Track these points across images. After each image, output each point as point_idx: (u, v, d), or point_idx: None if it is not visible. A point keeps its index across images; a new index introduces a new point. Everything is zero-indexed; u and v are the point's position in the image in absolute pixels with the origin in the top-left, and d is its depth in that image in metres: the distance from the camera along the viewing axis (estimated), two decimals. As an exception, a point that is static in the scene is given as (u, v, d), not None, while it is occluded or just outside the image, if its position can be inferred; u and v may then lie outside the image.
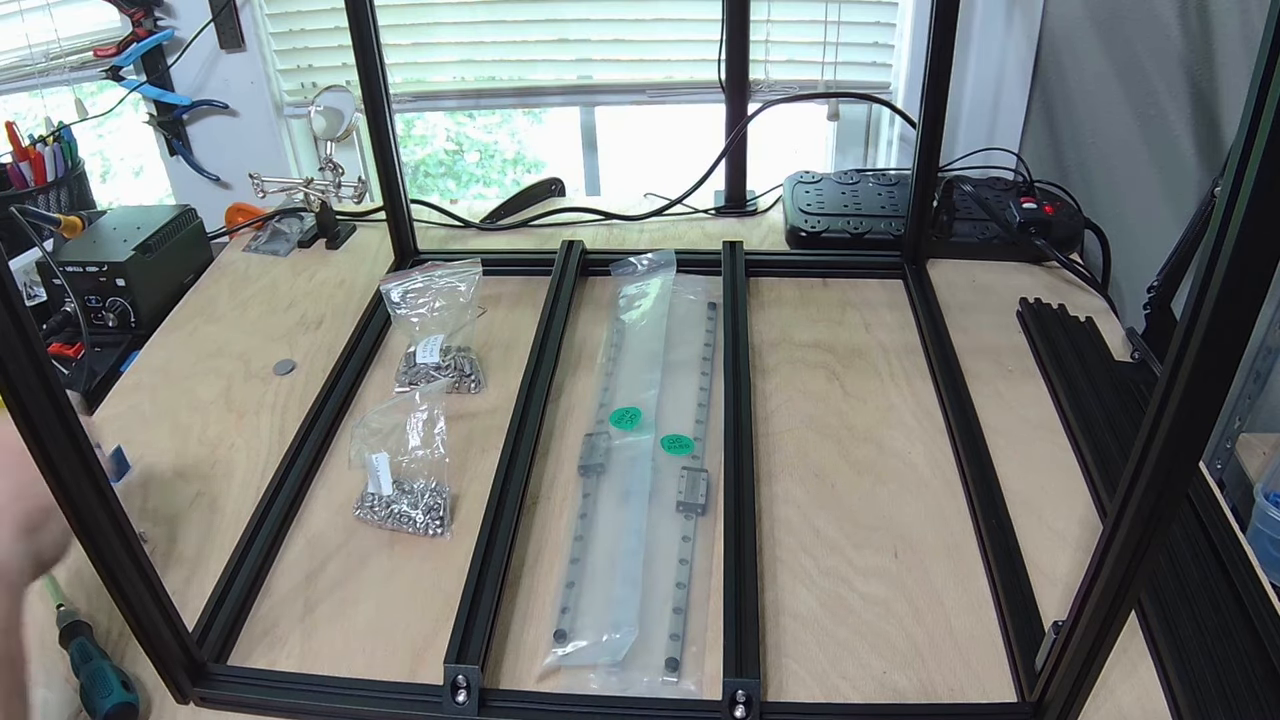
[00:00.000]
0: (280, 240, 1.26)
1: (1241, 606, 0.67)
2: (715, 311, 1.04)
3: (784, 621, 0.70)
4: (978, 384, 0.92)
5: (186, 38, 1.32)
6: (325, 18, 1.38)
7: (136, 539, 0.56)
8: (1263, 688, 0.62)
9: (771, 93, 1.35)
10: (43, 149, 1.26)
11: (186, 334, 1.08)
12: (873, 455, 0.85)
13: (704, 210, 1.29)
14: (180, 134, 1.42)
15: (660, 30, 1.38)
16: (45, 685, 0.66)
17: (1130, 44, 1.13)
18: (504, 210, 1.30)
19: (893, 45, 1.36)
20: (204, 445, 0.90)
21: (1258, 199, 0.38)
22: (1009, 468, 0.82)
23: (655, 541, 0.76)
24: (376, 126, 1.05)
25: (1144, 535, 0.49)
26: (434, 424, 0.80)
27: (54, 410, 0.48)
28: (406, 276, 0.97)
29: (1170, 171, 1.09)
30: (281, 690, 0.65)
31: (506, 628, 0.70)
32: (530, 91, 1.46)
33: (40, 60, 1.37)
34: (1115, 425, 0.85)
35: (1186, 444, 0.46)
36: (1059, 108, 1.31)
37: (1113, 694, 0.63)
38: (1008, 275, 1.11)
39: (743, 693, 0.62)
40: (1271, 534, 0.91)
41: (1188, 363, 0.43)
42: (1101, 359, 0.94)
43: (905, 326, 1.03)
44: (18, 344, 0.45)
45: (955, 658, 0.67)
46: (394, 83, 1.22)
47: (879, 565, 0.74)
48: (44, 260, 1.05)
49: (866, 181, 1.26)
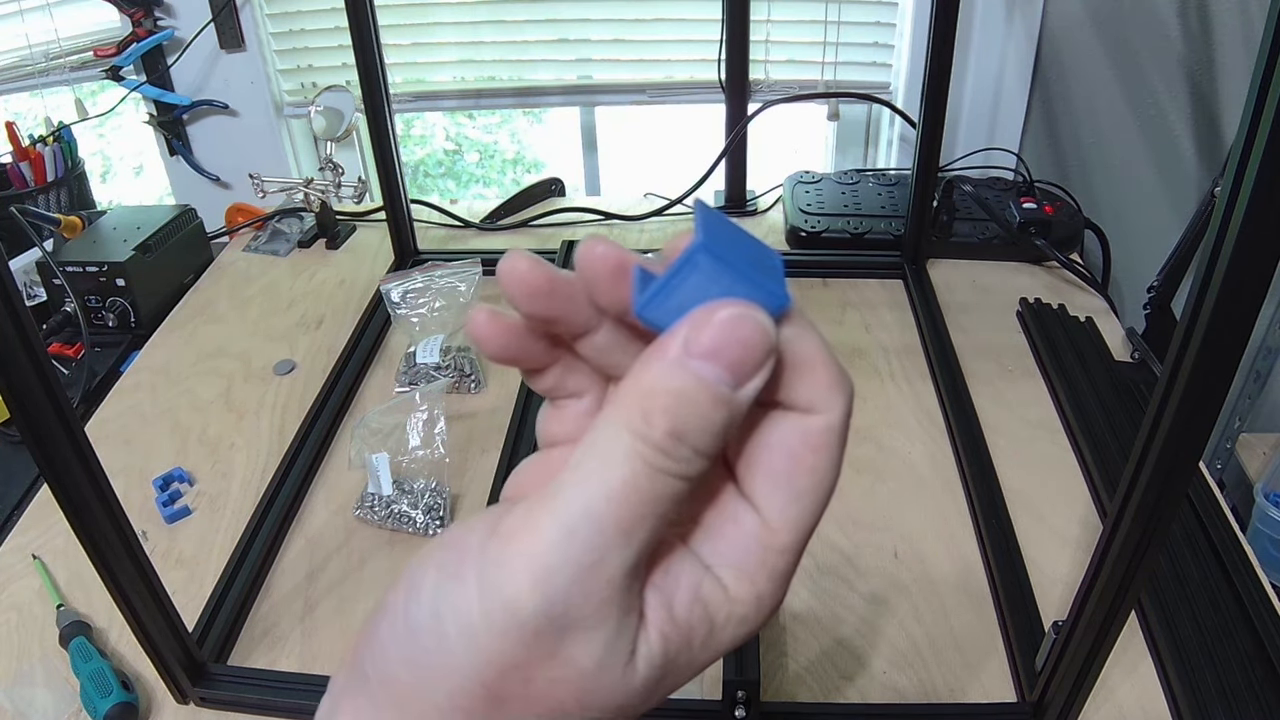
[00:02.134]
0: (280, 240, 1.26)
1: (1241, 606, 0.67)
2: (715, 311, 1.04)
3: (784, 621, 0.70)
4: (978, 384, 0.92)
5: (186, 38, 1.32)
6: (325, 18, 1.38)
7: (136, 539, 0.56)
8: (1263, 688, 0.62)
9: (771, 93, 1.35)
10: (43, 149, 1.26)
11: (186, 334, 1.08)
12: (873, 455, 0.85)
13: (704, 210, 1.29)
14: (180, 134, 1.42)
15: (660, 30, 1.38)
16: (45, 685, 0.66)
17: (1130, 44, 1.13)
18: (504, 210, 1.30)
19: (893, 45, 1.36)
20: (204, 445, 0.90)
21: (1258, 199, 0.38)
22: (1009, 468, 0.82)
23: (655, 541, 0.76)
24: (376, 126, 1.05)
25: (1144, 535, 0.49)
26: (434, 424, 0.80)
27: (54, 410, 0.48)
28: (406, 276, 0.97)
29: (1170, 171, 1.09)
30: (281, 690, 0.65)
31: (506, 628, 0.70)
32: (530, 91, 1.46)
33: (40, 60, 1.37)
34: (1115, 425, 0.85)
35: (1186, 444, 0.46)
36: (1059, 108, 1.31)
37: (1113, 694, 0.63)
38: (1008, 275, 1.11)
39: (743, 693, 0.62)
40: (1271, 534, 0.91)
41: (1188, 363, 0.43)
42: (1101, 359, 0.94)
43: (905, 326, 1.03)
44: (18, 344, 0.45)
45: (955, 658, 0.67)
46: (394, 83, 1.22)
47: (879, 565, 0.74)
48: (44, 260, 1.05)
49: (866, 181, 1.26)
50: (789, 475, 0.21)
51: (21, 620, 0.73)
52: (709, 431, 0.19)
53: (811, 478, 0.21)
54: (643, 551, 0.19)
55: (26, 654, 0.70)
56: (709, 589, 0.20)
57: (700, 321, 0.19)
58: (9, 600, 0.74)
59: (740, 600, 0.20)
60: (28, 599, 0.75)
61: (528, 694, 0.19)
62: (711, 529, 0.21)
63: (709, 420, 0.19)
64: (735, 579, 0.20)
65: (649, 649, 0.20)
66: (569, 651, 0.19)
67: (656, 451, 0.19)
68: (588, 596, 0.18)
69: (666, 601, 0.20)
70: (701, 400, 0.19)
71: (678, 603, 0.20)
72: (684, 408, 0.19)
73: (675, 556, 0.21)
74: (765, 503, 0.21)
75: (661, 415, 0.19)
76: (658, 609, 0.20)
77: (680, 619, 0.20)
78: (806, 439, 0.21)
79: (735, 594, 0.20)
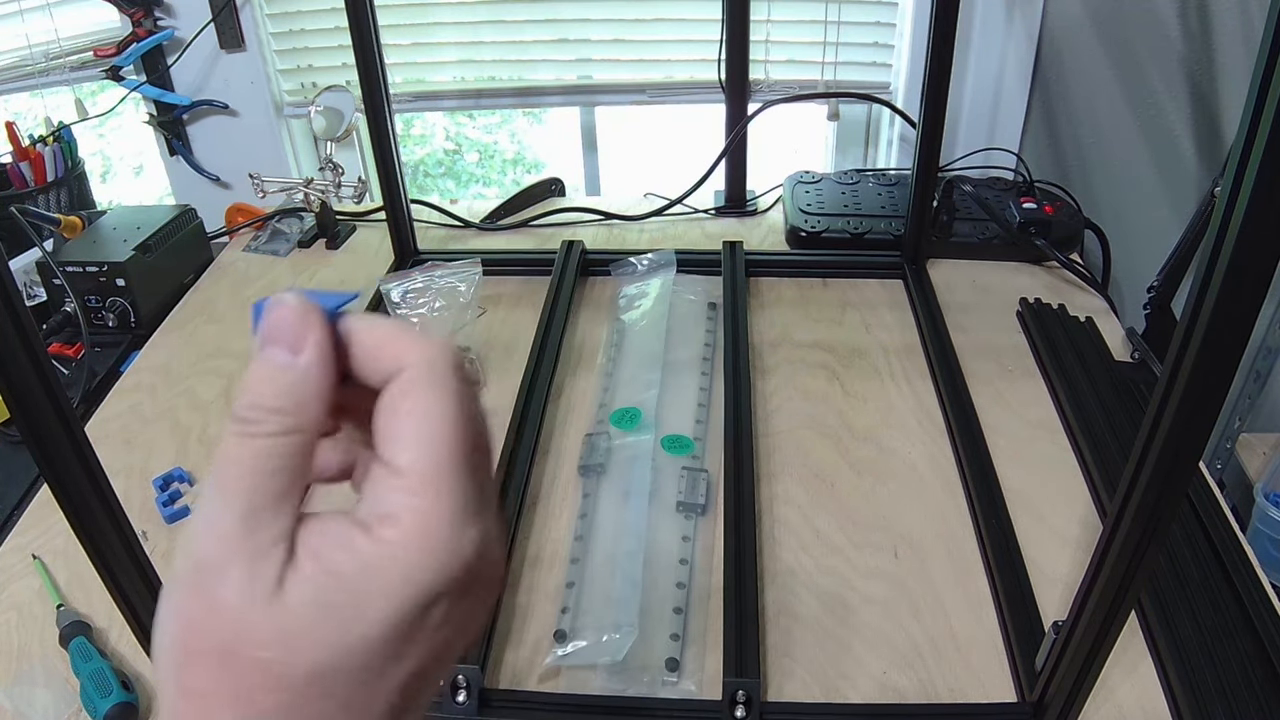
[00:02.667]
0: (280, 240, 1.26)
1: (1241, 606, 0.67)
2: (715, 311, 1.04)
3: (784, 621, 0.70)
4: (978, 384, 0.92)
5: (186, 38, 1.32)
6: (325, 18, 1.38)
7: (136, 539, 0.56)
8: (1263, 688, 0.62)
9: (771, 93, 1.35)
10: (43, 149, 1.26)
11: (186, 334, 1.08)
12: (873, 455, 0.85)
13: (704, 210, 1.29)
14: (180, 134, 1.42)
15: (660, 30, 1.38)
16: (45, 685, 0.66)
17: (1130, 44, 1.13)
18: (504, 210, 1.30)
19: (893, 45, 1.36)
20: (204, 445, 0.90)
21: (1258, 199, 0.38)
22: (1009, 468, 0.82)
23: (655, 541, 0.76)
24: (376, 126, 1.05)
25: (1144, 535, 0.49)
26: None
27: (54, 410, 0.48)
28: (406, 276, 0.97)
29: (1170, 171, 1.09)
30: (281, 690, 0.65)
31: (506, 628, 0.70)
32: (530, 91, 1.46)
33: (40, 60, 1.37)
34: (1115, 425, 0.85)
35: (1186, 444, 0.46)
36: (1059, 108, 1.31)
37: (1113, 694, 0.63)
38: (1008, 275, 1.11)
39: (743, 693, 0.62)
40: (1271, 534, 0.91)
41: (1188, 363, 0.43)
42: (1101, 359, 0.94)
43: (905, 326, 1.03)
44: (18, 344, 0.45)
45: (955, 658, 0.67)
46: (394, 83, 1.22)
47: (879, 565, 0.74)
48: (44, 260, 1.05)
49: (866, 181, 1.26)
50: (394, 424, 0.25)
51: (21, 620, 0.73)
52: (281, 394, 0.25)
53: (413, 419, 0.25)
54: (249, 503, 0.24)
55: (26, 654, 0.70)
56: (355, 538, 0.24)
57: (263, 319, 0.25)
58: (9, 600, 0.74)
59: (387, 541, 0.24)
60: (28, 599, 0.75)
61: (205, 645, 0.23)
62: (365, 496, 0.26)
63: (278, 384, 0.25)
64: (382, 525, 0.24)
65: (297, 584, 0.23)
66: (218, 593, 0.23)
67: (238, 421, 0.24)
68: (212, 547, 0.23)
69: (313, 551, 0.24)
70: (266, 373, 0.25)
71: (323, 549, 0.24)
72: (257, 383, 0.25)
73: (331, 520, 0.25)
74: (389, 455, 0.25)
75: (243, 394, 0.25)
76: (306, 559, 0.24)
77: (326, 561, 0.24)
78: (398, 389, 0.25)
79: (382, 535, 0.24)
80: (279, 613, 0.23)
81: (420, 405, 0.25)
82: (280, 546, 0.24)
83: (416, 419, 0.25)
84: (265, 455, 0.24)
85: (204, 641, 0.23)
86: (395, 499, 0.25)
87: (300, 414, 0.25)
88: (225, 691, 0.23)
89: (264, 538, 0.24)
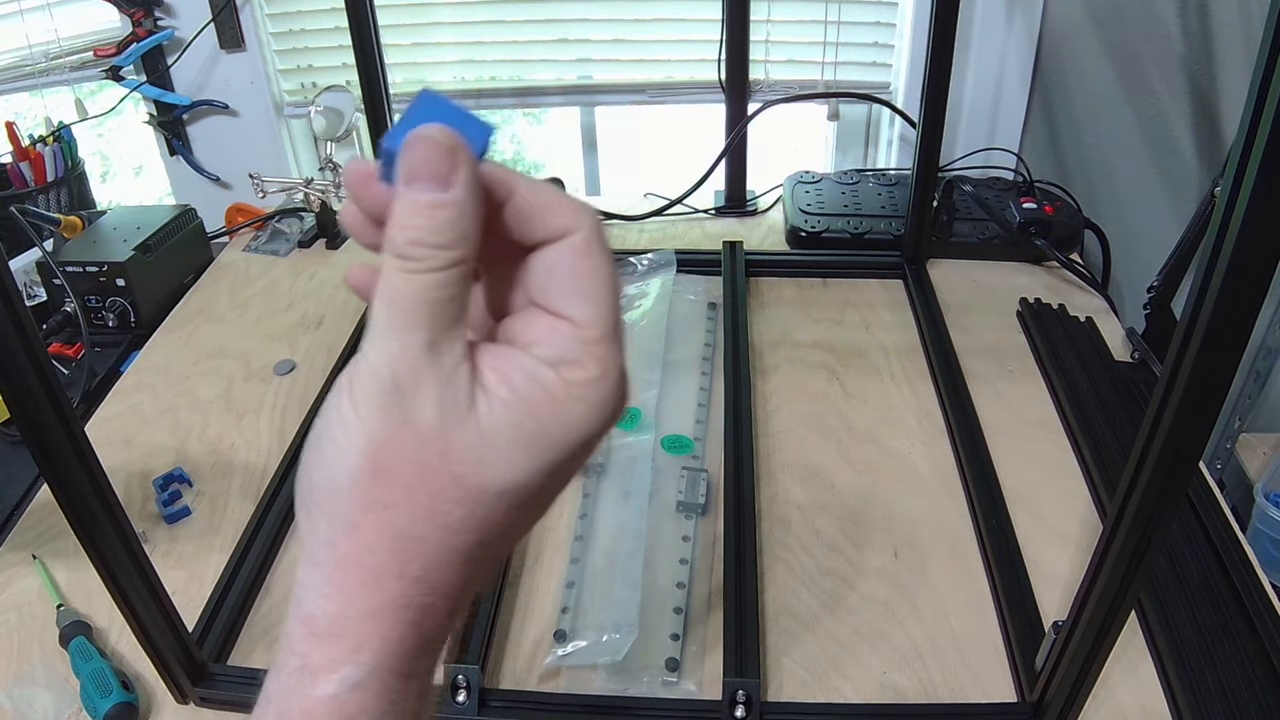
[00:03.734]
0: (280, 240, 1.26)
1: (1241, 606, 0.67)
2: (715, 311, 1.04)
3: (784, 621, 0.70)
4: (978, 384, 0.92)
5: (186, 38, 1.32)
6: (325, 18, 1.38)
7: (136, 539, 0.56)
8: (1263, 688, 0.62)
9: (771, 93, 1.35)
10: (43, 149, 1.26)
11: (186, 334, 1.08)
12: (873, 455, 0.85)
13: (704, 210, 1.29)
14: (180, 134, 1.42)
15: (660, 30, 1.38)
16: (45, 685, 0.66)
17: (1130, 44, 1.13)
18: (504, 210, 1.30)
19: (893, 45, 1.36)
20: (204, 445, 0.90)
21: (1258, 199, 0.38)
22: (1009, 468, 0.82)
23: (655, 541, 0.76)
24: (376, 126, 1.05)
25: (1144, 535, 0.49)
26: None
27: (54, 410, 0.48)
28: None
29: (1170, 171, 1.09)
30: (281, 690, 0.65)
31: (506, 628, 0.70)
32: (530, 91, 1.46)
33: (40, 60, 1.37)
34: (1115, 425, 0.85)
35: (1186, 444, 0.46)
36: (1059, 108, 1.31)
37: (1113, 694, 0.63)
38: (1008, 275, 1.11)
39: (743, 693, 0.62)
40: (1271, 534, 0.91)
41: (1188, 363, 0.43)
42: (1101, 359, 0.94)
43: (905, 326, 1.03)
44: (18, 344, 0.45)
45: (955, 658, 0.67)
46: (394, 83, 1.22)
47: (879, 565, 0.74)
48: (44, 260, 1.05)
49: (866, 181, 1.26)
50: (574, 283, 0.27)
51: (21, 620, 0.73)
52: (442, 229, 0.25)
53: (592, 279, 0.27)
54: (430, 333, 0.25)
55: (26, 654, 0.70)
56: (544, 374, 0.26)
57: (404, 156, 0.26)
58: (9, 600, 0.74)
59: (575, 382, 0.26)
60: (28, 599, 0.75)
61: (401, 460, 0.25)
62: (541, 340, 0.27)
63: (435, 220, 0.25)
64: (569, 368, 0.26)
65: (489, 407, 0.26)
66: (413, 414, 0.25)
67: (401, 259, 0.25)
68: (405, 372, 0.25)
69: (506, 379, 0.26)
70: (421, 210, 0.25)
71: (515, 379, 0.26)
72: (411, 219, 0.25)
73: (513, 353, 0.27)
74: (569, 310, 0.27)
75: (399, 231, 0.25)
76: (498, 385, 0.26)
77: (520, 390, 0.26)
78: (574, 251, 0.27)
79: (569, 376, 0.26)
80: (474, 431, 0.25)
81: (600, 267, 0.27)
82: (463, 368, 0.26)
83: (595, 279, 0.27)
84: (436, 286, 0.25)
85: (399, 456, 0.25)
86: (578, 348, 0.26)
87: (463, 246, 0.26)
88: (417, 503, 0.25)
89: (448, 360, 0.26)
